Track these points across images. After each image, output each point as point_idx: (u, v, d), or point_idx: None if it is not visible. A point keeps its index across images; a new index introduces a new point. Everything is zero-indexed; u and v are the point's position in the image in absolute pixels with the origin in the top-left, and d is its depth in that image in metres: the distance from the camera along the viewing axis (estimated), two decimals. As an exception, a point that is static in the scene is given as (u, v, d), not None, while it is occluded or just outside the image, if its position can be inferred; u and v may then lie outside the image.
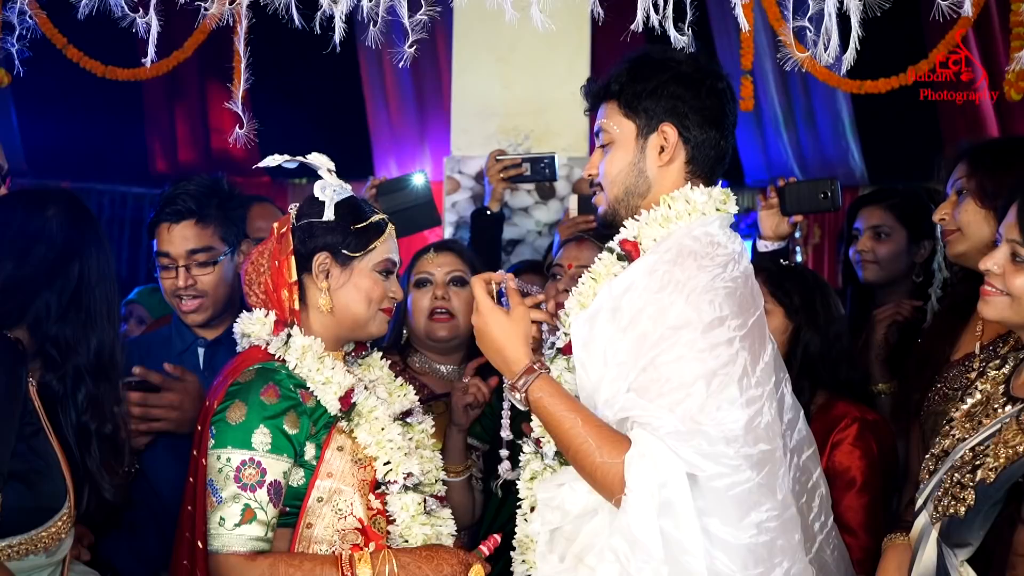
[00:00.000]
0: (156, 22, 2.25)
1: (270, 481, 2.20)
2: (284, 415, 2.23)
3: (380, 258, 2.38)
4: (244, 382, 2.27)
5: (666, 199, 2.23)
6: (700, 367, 2.05)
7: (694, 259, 2.13)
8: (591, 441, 2.07)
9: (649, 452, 2.02)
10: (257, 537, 2.19)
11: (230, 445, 2.21)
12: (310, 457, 2.26)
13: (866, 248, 3.47)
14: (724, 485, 2.03)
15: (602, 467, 2.05)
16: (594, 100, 2.33)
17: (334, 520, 2.26)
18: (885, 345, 3.30)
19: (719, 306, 2.09)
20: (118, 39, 3.48)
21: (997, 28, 5.40)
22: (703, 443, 2.02)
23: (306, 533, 2.25)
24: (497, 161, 3.95)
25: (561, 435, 2.13)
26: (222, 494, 2.19)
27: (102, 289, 2.23)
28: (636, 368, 2.09)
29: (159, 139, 7.61)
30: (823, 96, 6.87)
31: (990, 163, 2.64)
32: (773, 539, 2.07)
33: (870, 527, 2.72)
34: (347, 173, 2.49)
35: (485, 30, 4.40)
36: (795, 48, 2.33)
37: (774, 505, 2.09)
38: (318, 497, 2.25)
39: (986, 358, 2.45)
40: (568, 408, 2.13)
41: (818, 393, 2.85)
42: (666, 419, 2.03)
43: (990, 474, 2.06)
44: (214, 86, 7.21)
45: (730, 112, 2.28)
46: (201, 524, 2.25)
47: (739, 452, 2.04)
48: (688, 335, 2.06)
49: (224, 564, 2.18)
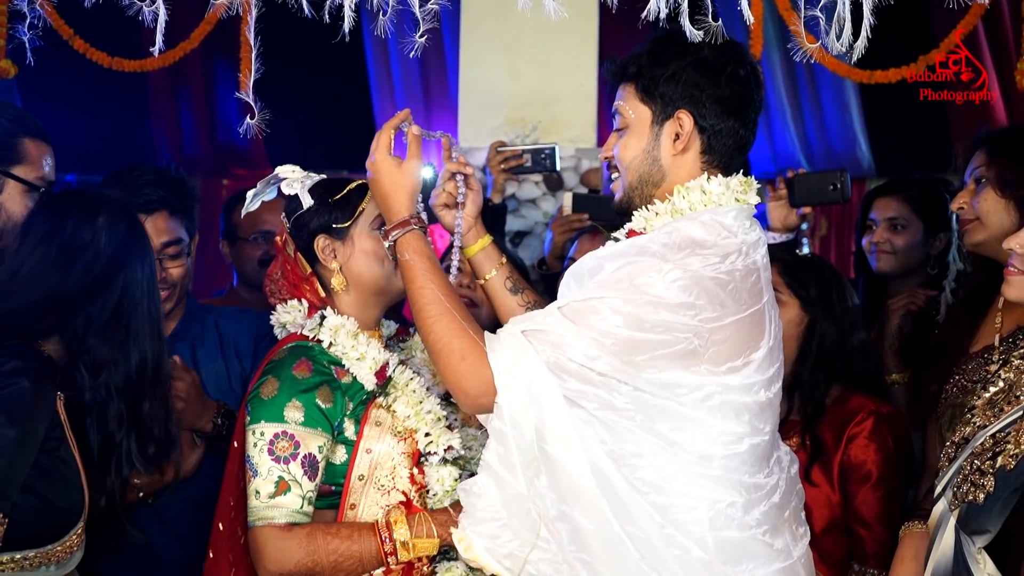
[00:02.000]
0: (164, 11, 2.23)
1: (304, 454, 2.19)
2: (317, 389, 2.24)
3: (371, 216, 2.38)
4: (278, 360, 2.29)
5: (680, 190, 2.17)
6: (630, 321, 2.02)
7: (693, 246, 2.08)
8: (452, 315, 2.10)
9: (511, 341, 2.04)
10: (292, 509, 2.18)
11: (263, 420, 2.21)
12: (350, 434, 2.26)
13: (882, 239, 3.46)
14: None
15: (461, 347, 2.07)
16: (613, 80, 2.29)
17: (378, 497, 2.25)
18: (899, 335, 3.29)
19: (695, 295, 2.04)
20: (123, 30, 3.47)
21: (1008, 20, 5.37)
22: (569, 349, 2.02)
23: (350, 514, 2.25)
24: (498, 152, 3.94)
25: (418, 297, 2.14)
26: (257, 468, 2.19)
27: (145, 304, 2.22)
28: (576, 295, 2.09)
29: (165, 131, 7.59)
30: (830, 88, 6.84)
31: (1010, 152, 2.62)
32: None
33: (885, 521, 2.71)
34: (352, 165, 2.48)
35: (493, 22, 4.39)
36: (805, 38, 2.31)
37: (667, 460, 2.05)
38: (359, 475, 2.25)
39: (1007, 349, 2.43)
40: (431, 271, 2.15)
41: (833, 386, 2.83)
42: (550, 318, 2.04)
43: (1010, 460, 2.04)
44: (220, 78, 7.19)
45: (754, 100, 2.21)
46: (241, 513, 2.25)
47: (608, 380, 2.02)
48: (648, 297, 2.02)
49: (260, 536, 2.18)
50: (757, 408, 2.13)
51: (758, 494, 2.13)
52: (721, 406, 2.08)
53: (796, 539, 2.22)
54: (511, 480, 2.06)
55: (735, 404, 2.10)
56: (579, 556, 2.06)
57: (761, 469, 2.15)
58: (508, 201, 4.11)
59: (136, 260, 2.23)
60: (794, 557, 2.18)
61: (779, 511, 2.18)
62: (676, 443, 2.06)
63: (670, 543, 2.04)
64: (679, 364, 2.04)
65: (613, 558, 2.05)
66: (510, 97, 4.43)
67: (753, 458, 2.13)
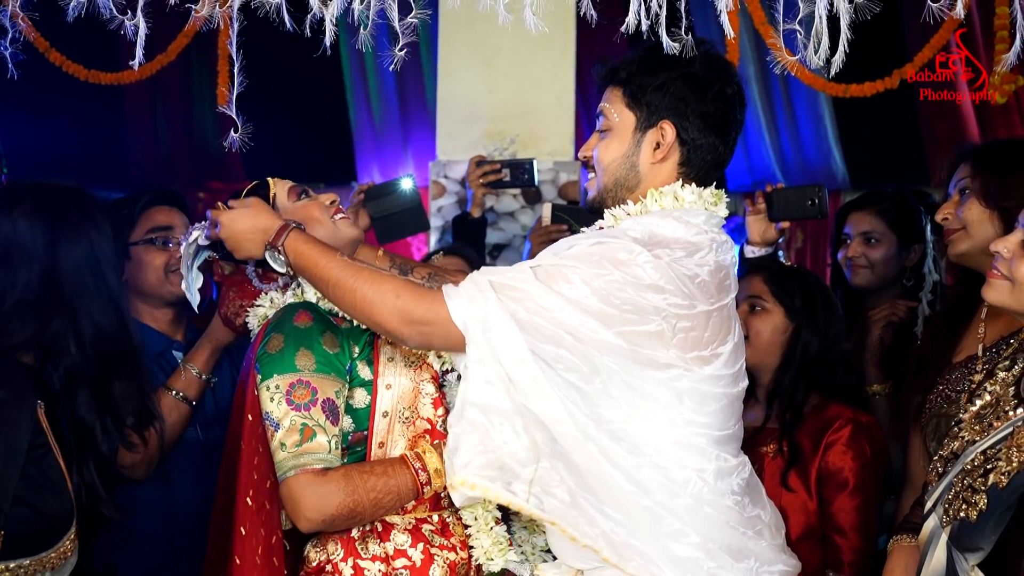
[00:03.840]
0: (144, 24, 2.22)
1: (323, 399, 2.16)
2: (322, 336, 2.21)
3: (284, 194, 2.40)
4: (277, 319, 2.26)
5: (654, 193, 2.21)
6: (599, 294, 2.03)
7: (661, 242, 2.11)
8: (370, 271, 2.13)
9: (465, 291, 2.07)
10: (322, 453, 2.13)
11: (275, 373, 2.17)
12: (366, 375, 2.24)
13: (857, 253, 3.48)
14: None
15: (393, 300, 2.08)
16: (601, 82, 2.31)
17: (404, 430, 2.23)
18: (880, 346, 3.31)
19: (665, 279, 2.06)
20: (100, 43, 3.46)
21: (979, 31, 5.43)
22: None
23: (379, 452, 2.22)
24: (478, 167, 3.96)
25: (327, 274, 2.15)
26: (279, 421, 2.14)
27: (91, 281, 2.19)
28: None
29: (141, 144, 7.56)
30: (805, 101, 6.89)
31: (994, 164, 2.66)
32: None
33: (861, 529, 2.73)
34: (330, 178, 2.48)
35: (471, 35, 4.40)
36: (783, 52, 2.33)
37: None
38: (383, 412, 2.23)
39: (990, 359, 2.45)
40: (326, 251, 2.17)
41: (812, 395, 2.85)
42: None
43: (1003, 478, 2.04)
44: (196, 90, 7.17)
45: (736, 119, 2.25)
46: (264, 485, 2.22)
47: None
48: (618, 276, 2.04)
49: (296, 486, 2.11)
50: (727, 400, 2.16)
51: (727, 465, 2.16)
52: (689, 392, 2.11)
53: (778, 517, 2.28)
54: (495, 403, 2.06)
55: (702, 392, 2.12)
56: (580, 485, 2.07)
57: (727, 454, 2.18)
58: (486, 214, 4.12)
59: (66, 235, 2.18)
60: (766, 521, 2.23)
61: (754, 490, 2.23)
62: (647, 417, 2.09)
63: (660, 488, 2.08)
64: (646, 344, 2.06)
65: (608, 490, 2.07)
66: (488, 110, 4.44)
67: (719, 447, 2.15)
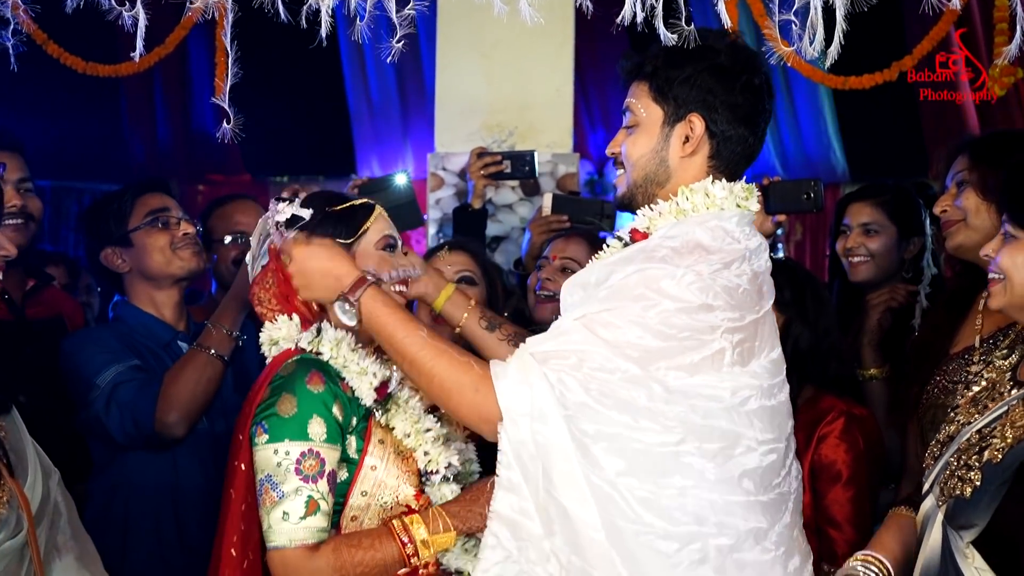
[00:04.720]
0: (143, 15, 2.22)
1: (328, 471, 2.15)
2: (333, 402, 2.18)
3: (377, 237, 2.33)
4: (286, 375, 2.20)
5: (684, 191, 2.17)
6: (651, 330, 2.00)
7: (700, 251, 2.08)
8: (449, 353, 2.09)
9: (516, 369, 2.02)
10: (322, 528, 2.14)
11: (287, 438, 2.13)
12: (353, 452, 2.21)
13: (856, 244, 3.47)
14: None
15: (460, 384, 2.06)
16: (626, 77, 2.27)
17: (380, 512, 2.22)
18: (879, 330, 3.31)
19: (713, 296, 2.04)
20: (98, 36, 3.45)
21: (979, 31, 5.42)
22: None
23: (352, 526, 2.21)
24: (479, 158, 3.96)
25: (405, 347, 2.12)
26: (283, 488, 2.12)
27: None
28: (590, 302, 2.07)
29: (139, 137, 7.56)
30: (805, 94, 6.89)
31: (992, 156, 2.65)
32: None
33: (855, 521, 2.74)
34: (329, 171, 2.47)
35: (469, 27, 4.39)
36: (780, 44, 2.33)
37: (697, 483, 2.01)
38: (363, 491, 2.21)
39: (987, 350, 2.45)
40: (406, 319, 2.14)
41: (805, 387, 2.85)
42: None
43: (996, 454, 2.05)
44: (195, 83, 7.17)
45: (765, 110, 2.22)
46: (253, 538, 2.21)
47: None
48: (670, 305, 2.01)
49: (290, 557, 2.11)
50: (784, 411, 2.14)
51: (775, 513, 2.10)
52: (758, 411, 2.07)
53: (804, 558, 2.20)
54: (526, 524, 2.02)
55: (767, 409, 2.09)
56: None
57: (775, 480, 2.12)
58: (486, 206, 4.12)
59: None
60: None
61: (789, 531, 2.15)
62: (705, 468, 2.02)
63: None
64: (710, 366, 2.03)
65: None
66: (486, 102, 4.43)
67: (773, 470, 2.10)
